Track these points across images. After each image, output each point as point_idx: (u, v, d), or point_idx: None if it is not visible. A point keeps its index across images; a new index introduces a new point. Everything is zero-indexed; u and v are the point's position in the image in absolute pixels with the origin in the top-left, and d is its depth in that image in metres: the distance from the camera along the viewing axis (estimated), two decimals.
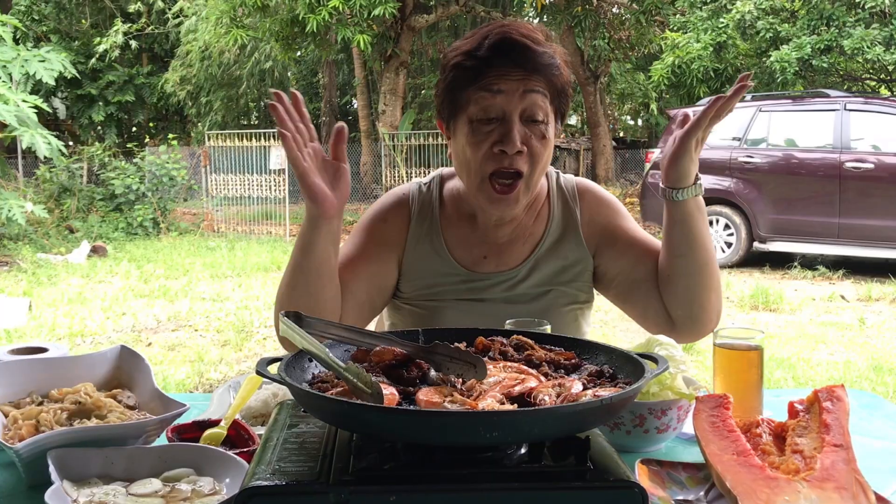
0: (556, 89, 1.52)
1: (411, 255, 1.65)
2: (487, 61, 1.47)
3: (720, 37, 13.44)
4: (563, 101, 1.55)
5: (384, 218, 1.67)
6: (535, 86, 1.48)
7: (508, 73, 1.47)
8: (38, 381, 1.33)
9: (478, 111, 1.48)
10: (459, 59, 1.50)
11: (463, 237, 1.66)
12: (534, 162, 1.50)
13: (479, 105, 1.47)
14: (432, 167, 13.79)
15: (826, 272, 8.68)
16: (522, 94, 1.47)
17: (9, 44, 8.69)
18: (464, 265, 1.64)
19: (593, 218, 1.68)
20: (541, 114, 1.49)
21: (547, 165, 1.56)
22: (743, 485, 0.98)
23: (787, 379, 4.74)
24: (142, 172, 13.11)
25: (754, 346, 1.32)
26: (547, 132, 1.50)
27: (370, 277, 1.62)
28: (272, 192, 13.31)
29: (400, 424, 0.83)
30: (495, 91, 1.46)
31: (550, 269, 1.65)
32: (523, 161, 1.49)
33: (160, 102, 21.86)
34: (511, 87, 1.46)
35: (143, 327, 6.39)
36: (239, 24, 14.74)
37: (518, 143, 1.46)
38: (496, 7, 18.14)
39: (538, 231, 1.66)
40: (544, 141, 1.50)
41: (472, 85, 1.48)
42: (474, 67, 1.48)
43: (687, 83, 13.84)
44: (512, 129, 1.46)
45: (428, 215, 1.67)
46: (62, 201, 12.63)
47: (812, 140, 9.21)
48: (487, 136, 1.48)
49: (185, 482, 1.08)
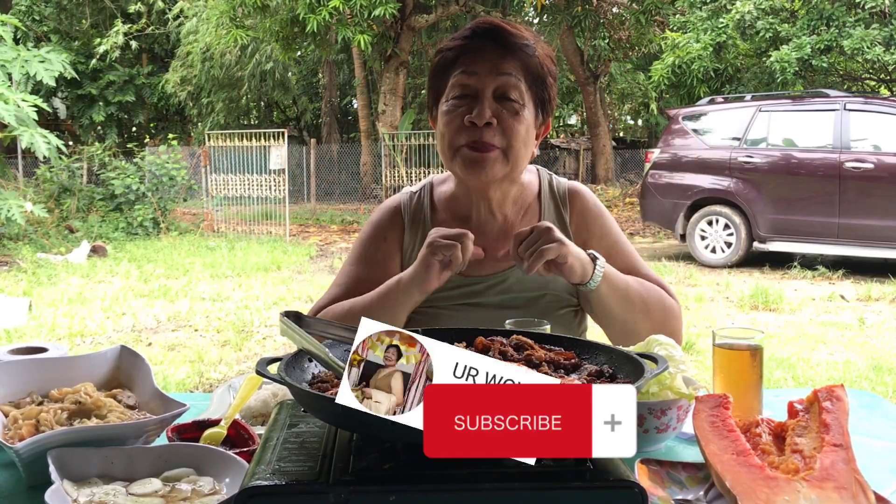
0: (532, 74, 1.54)
1: (407, 260, 1.66)
2: (467, 42, 1.55)
3: (720, 37, 13.45)
4: (540, 89, 1.56)
5: (384, 236, 1.70)
6: (509, 66, 1.52)
7: (484, 51, 1.52)
8: (38, 381, 1.33)
9: (454, 90, 1.54)
10: (443, 45, 1.60)
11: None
12: (508, 135, 1.51)
13: (455, 86, 1.54)
14: (432, 167, 13.79)
15: (826, 272, 8.68)
16: (496, 75, 1.51)
17: (9, 44, 8.69)
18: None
19: (580, 227, 1.69)
20: (514, 93, 1.52)
21: (528, 145, 1.56)
22: (742, 484, 0.98)
23: (786, 379, 4.75)
24: (142, 172, 13.11)
25: (754, 345, 1.32)
26: (522, 111, 1.52)
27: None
28: (272, 192, 13.31)
29: (400, 424, 0.83)
30: (470, 73, 1.52)
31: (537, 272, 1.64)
32: (494, 134, 1.51)
33: (160, 102, 21.88)
34: (485, 67, 1.51)
35: (143, 327, 6.39)
36: (239, 24, 14.75)
37: (487, 114, 1.49)
38: (496, 7, 18.13)
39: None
40: (518, 117, 1.52)
41: (451, 66, 1.55)
42: (455, 48, 1.55)
43: (687, 83, 13.85)
44: (482, 102, 1.50)
45: (420, 222, 1.68)
46: (62, 201, 12.63)
47: (812, 140, 9.22)
48: (460, 109, 1.52)
49: (185, 482, 1.08)
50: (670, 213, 9.89)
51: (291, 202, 13.40)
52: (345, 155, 20.03)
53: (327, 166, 19.80)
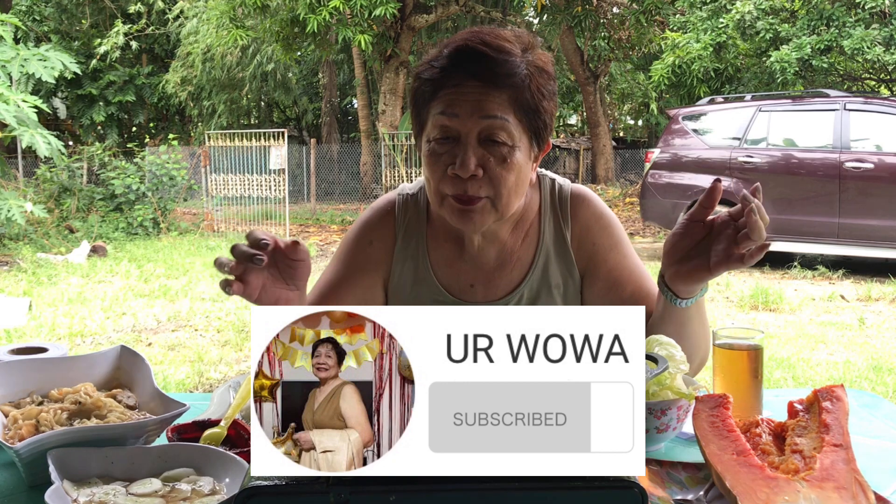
0: (523, 107, 1.35)
1: (396, 276, 1.55)
2: (443, 71, 1.36)
3: (720, 37, 13.46)
4: (533, 118, 1.37)
5: (370, 240, 1.56)
6: (494, 105, 1.33)
7: (465, 85, 1.34)
8: (38, 381, 1.33)
9: (435, 131, 1.37)
10: (421, 69, 1.41)
11: (449, 260, 1.54)
12: (496, 185, 1.36)
13: (436, 126, 1.37)
14: None
15: (826, 272, 8.68)
16: (479, 118, 1.33)
17: (9, 43, 8.69)
18: (452, 293, 1.53)
19: (584, 236, 1.54)
20: (502, 135, 1.34)
21: (519, 189, 1.40)
22: (742, 484, 0.98)
23: (786, 379, 4.74)
24: (142, 172, 13.12)
25: (754, 345, 1.32)
26: (511, 156, 1.35)
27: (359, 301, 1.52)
28: (272, 192, 13.31)
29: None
30: (450, 115, 1.34)
31: (542, 300, 1.53)
32: (480, 186, 1.35)
33: (161, 103, 21.89)
34: (467, 108, 1.33)
35: (143, 327, 6.39)
36: (239, 24, 14.75)
37: (472, 166, 1.33)
38: (496, 7, 18.14)
39: (527, 256, 1.53)
40: (506, 164, 1.35)
41: (431, 101, 1.38)
42: (432, 79, 1.37)
43: (687, 83, 13.86)
44: (466, 151, 1.34)
45: (414, 233, 1.55)
46: (62, 201, 12.63)
47: (812, 140, 9.22)
48: (443, 156, 1.36)
49: (185, 482, 1.08)
50: (670, 213, 9.89)
51: (291, 202, 13.41)
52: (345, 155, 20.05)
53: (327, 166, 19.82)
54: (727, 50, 13.71)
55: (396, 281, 1.55)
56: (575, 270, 1.54)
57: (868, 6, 12.21)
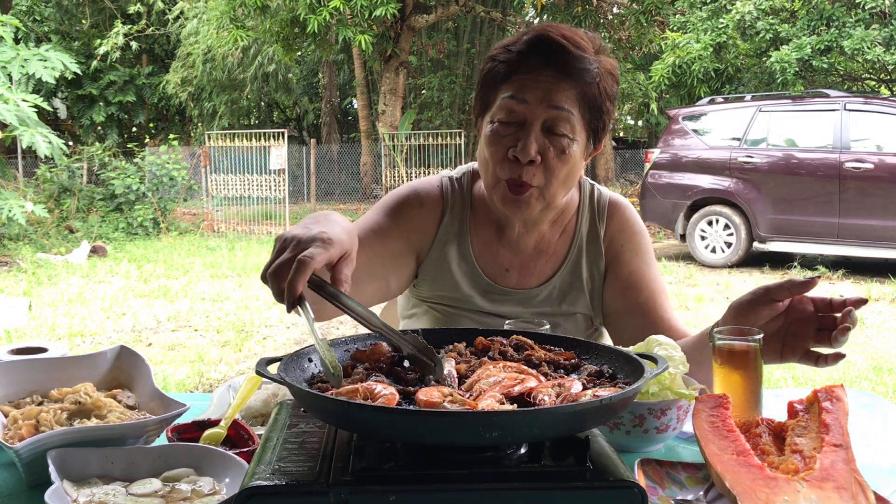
0: (589, 104, 1.42)
1: (437, 253, 1.58)
2: (520, 56, 1.41)
3: (720, 37, 13.46)
4: (595, 117, 1.44)
5: (421, 202, 1.58)
6: (563, 97, 1.39)
7: (538, 72, 1.39)
8: (38, 381, 1.33)
9: (501, 113, 1.42)
10: (496, 52, 1.46)
11: (489, 244, 1.60)
12: (549, 175, 1.42)
13: (503, 109, 1.42)
14: (432, 167, 13.77)
15: (826, 272, 8.68)
16: (547, 107, 1.39)
17: (9, 44, 8.69)
18: (488, 275, 1.58)
19: (615, 236, 1.62)
20: (565, 127, 1.40)
21: (568, 182, 1.47)
22: (742, 484, 0.98)
23: (786, 379, 4.74)
24: (142, 172, 13.12)
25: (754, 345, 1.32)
26: (569, 148, 1.41)
27: (394, 256, 1.54)
28: (272, 192, 13.31)
29: (400, 424, 0.83)
30: (519, 100, 1.40)
31: (571, 294, 1.60)
32: (536, 173, 1.41)
33: (161, 103, 21.87)
34: (537, 95, 1.39)
35: (143, 327, 6.39)
36: (239, 25, 14.75)
37: (532, 152, 1.39)
38: (496, 7, 18.13)
39: (562, 249, 1.61)
40: (564, 156, 1.41)
41: (502, 83, 1.42)
42: (507, 61, 1.42)
43: (687, 83, 13.85)
44: (529, 136, 1.39)
45: (459, 214, 1.60)
46: (62, 201, 12.63)
47: (812, 140, 9.22)
48: (505, 139, 1.42)
49: (185, 482, 1.08)
50: (670, 213, 9.89)
51: (291, 202, 13.41)
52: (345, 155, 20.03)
53: (327, 166, 19.81)
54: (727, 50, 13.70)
55: (437, 258, 1.58)
56: (603, 266, 1.61)
57: (868, 6, 12.21)
